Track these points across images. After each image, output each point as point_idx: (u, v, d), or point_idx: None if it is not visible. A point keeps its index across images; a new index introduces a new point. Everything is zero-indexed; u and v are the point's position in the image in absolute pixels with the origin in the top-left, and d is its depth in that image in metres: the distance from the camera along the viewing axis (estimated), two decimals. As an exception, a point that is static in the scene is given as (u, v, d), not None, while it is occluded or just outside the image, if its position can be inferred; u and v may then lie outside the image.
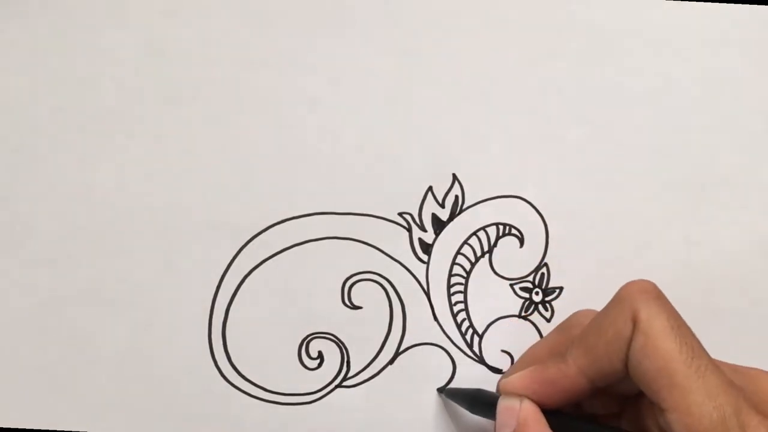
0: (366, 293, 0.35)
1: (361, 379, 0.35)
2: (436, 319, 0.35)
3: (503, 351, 0.35)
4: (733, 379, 0.26)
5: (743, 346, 0.35)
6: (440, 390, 0.34)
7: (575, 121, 0.36)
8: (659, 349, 0.25)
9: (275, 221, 0.35)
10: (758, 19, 0.37)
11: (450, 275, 0.35)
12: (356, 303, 0.35)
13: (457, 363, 0.35)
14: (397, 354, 0.35)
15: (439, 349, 0.35)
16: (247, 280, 0.35)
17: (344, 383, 0.35)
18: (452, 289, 0.35)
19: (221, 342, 0.35)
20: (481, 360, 0.35)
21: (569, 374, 0.28)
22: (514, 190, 0.36)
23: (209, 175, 0.36)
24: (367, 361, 0.35)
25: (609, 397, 0.30)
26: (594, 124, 0.36)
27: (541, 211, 0.36)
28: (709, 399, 0.24)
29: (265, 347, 0.35)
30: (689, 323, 0.27)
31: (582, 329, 0.29)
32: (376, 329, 0.35)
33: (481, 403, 0.31)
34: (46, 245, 0.35)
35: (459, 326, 0.35)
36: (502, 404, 0.29)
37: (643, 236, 0.36)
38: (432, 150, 0.36)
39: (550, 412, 0.28)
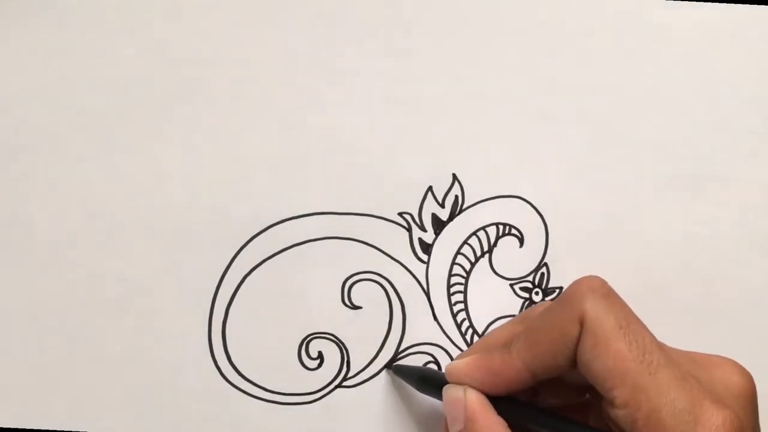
0: (366, 293, 0.35)
1: (361, 379, 0.35)
2: (436, 319, 0.35)
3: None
4: (691, 370, 0.26)
5: (743, 346, 0.35)
6: (387, 366, 0.34)
7: (575, 121, 0.36)
8: (609, 348, 0.25)
9: (275, 221, 0.35)
10: (758, 19, 0.37)
11: (450, 275, 0.35)
12: (356, 303, 0.35)
13: (457, 363, 0.35)
14: (396, 354, 0.35)
15: (439, 349, 0.35)
16: (247, 280, 0.35)
17: (344, 383, 0.35)
18: (452, 289, 0.35)
19: (221, 342, 0.35)
20: (481, 360, 0.35)
21: (512, 366, 0.28)
22: (514, 190, 0.36)
23: (209, 175, 0.36)
24: (367, 361, 0.35)
25: (567, 387, 0.30)
26: (594, 124, 0.36)
27: (541, 211, 0.36)
28: (660, 395, 0.24)
29: (265, 347, 0.35)
30: (689, 323, 0.27)
31: (528, 323, 0.29)
32: (376, 329, 0.35)
33: (428, 383, 0.31)
34: (46, 245, 0.35)
35: (459, 326, 0.35)
36: (448, 395, 0.29)
37: (643, 236, 0.36)
38: (432, 150, 0.36)
39: (499, 398, 0.28)
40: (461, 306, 0.35)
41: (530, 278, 0.35)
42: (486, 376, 0.28)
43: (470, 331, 0.35)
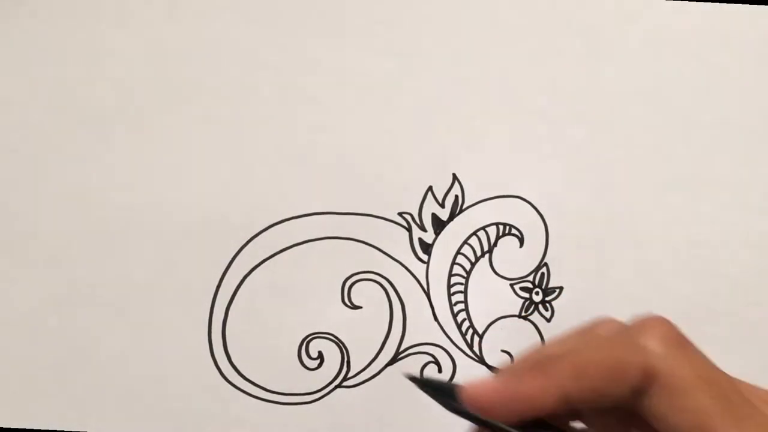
0: (366, 293, 0.35)
1: (361, 379, 0.35)
2: (436, 319, 0.35)
3: (503, 351, 0.35)
4: None
5: (743, 346, 0.35)
6: (411, 378, 0.32)
7: (575, 120, 0.36)
8: (688, 404, 0.23)
9: (275, 221, 0.35)
10: (758, 19, 0.37)
11: (450, 275, 0.35)
12: (356, 303, 0.35)
13: (457, 363, 0.35)
14: (397, 354, 0.35)
15: (439, 349, 0.35)
16: (247, 280, 0.35)
17: (344, 383, 0.35)
18: (452, 289, 0.35)
19: (221, 342, 0.35)
20: (481, 360, 0.35)
21: (548, 393, 0.25)
22: (514, 190, 0.36)
23: (209, 175, 0.36)
24: (367, 361, 0.35)
25: (609, 417, 0.27)
26: (594, 123, 0.36)
27: (541, 211, 0.36)
28: None
29: (265, 347, 0.35)
30: (689, 323, 0.27)
31: (578, 346, 0.26)
32: (376, 329, 0.35)
33: (454, 401, 0.29)
34: (46, 245, 0.35)
35: (459, 326, 0.35)
36: None
37: (643, 236, 0.36)
38: (432, 150, 0.36)
39: (533, 425, 0.26)
40: (461, 306, 0.35)
41: (530, 278, 0.35)
42: (512, 402, 0.25)
43: (470, 331, 0.35)
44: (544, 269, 0.36)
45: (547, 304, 0.35)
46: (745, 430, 0.23)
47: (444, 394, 0.28)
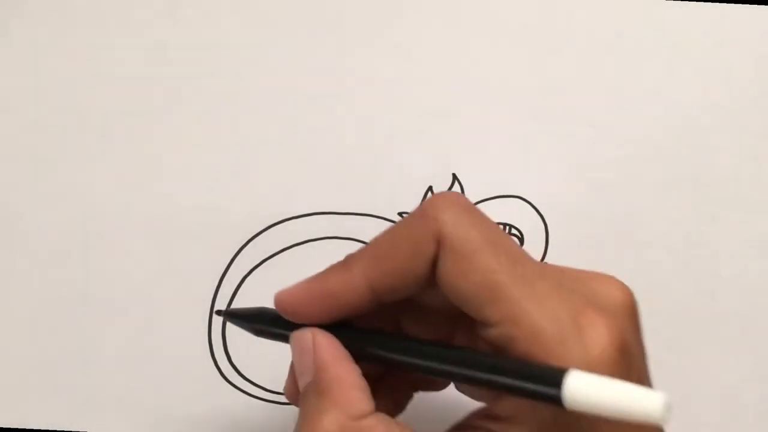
0: (366, 293, 0.35)
1: (361, 379, 0.35)
2: (436, 319, 0.35)
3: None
4: (568, 283, 0.23)
5: (743, 346, 0.35)
6: (218, 312, 0.30)
7: (575, 121, 0.36)
8: (475, 264, 0.23)
9: (275, 221, 0.35)
10: (758, 19, 0.37)
11: (450, 275, 0.35)
12: (356, 303, 0.35)
13: (457, 363, 0.35)
14: (397, 354, 0.35)
15: (439, 349, 0.35)
16: (247, 280, 0.35)
17: (344, 383, 0.34)
18: (452, 289, 0.35)
19: (221, 342, 0.35)
20: (481, 360, 0.35)
21: (352, 285, 0.25)
22: (514, 190, 0.36)
23: (209, 175, 0.36)
24: (367, 361, 0.35)
25: (429, 315, 0.27)
26: (594, 124, 0.36)
27: (541, 211, 0.36)
28: (539, 306, 0.22)
29: (265, 347, 0.35)
30: (689, 324, 0.27)
31: (377, 236, 0.25)
32: (376, 329, 0.35)
33: (266, 324, 0.28)
34: (46, 245, 0.35)
35: (459, 326, 0.35)
36: (295, 342, 0.26)
37: (643, 236, 0.36)
38: (432, 150, 0.36)
39: (344, 330, 0.25)
40: (461, 306, 0.35)
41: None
42: (321, 300, 0.25)
43: (470, 331, 0.35)
44: (544, 269, 0.36)
45: (547, 304, 0.35)
46: (534, 286, 0.22)
47: (252, 320, 0.28)
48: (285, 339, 0.27)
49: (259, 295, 0.35)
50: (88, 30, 0.36)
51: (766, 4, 0.37)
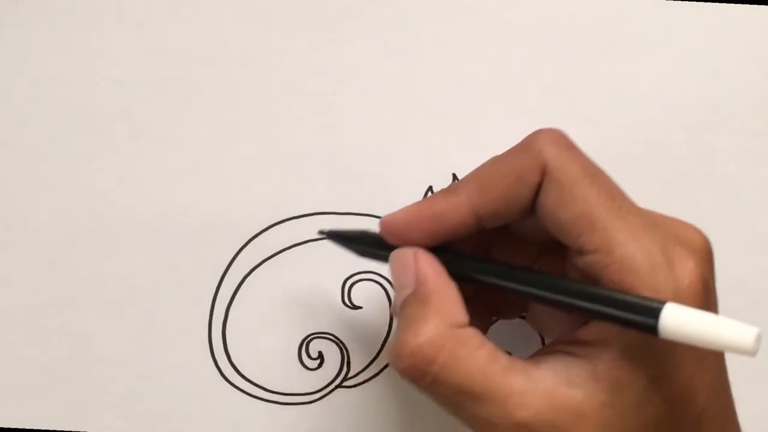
0: (366, 293, 0.35)
1: (361, 380, 0.35)
2: (436, 319, 0.35)
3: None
4: (657, 222, 0.25)
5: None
6: (321, 232, 0.32)
7: (575, 121, 0.36)
8: (576, 195, 0.24)
9: (275, 221, 0.35)
10: (758, 19, 0.37)
11: (450, 275, 0.35)
12: (356, 303, 0.35)
13: (457, 363, 0.35)
14: (397, 354, 0.35)
15: (439, 349, 0.35)
16: (247, 280, 0.35)
17: (344, 383, 0.35)
18: (452, 289, 0.35)
19: (221, 342, 0.35)
20: (481, 360, 0.35)
21: (458, 209, 0.26)
22: (514, 190, 0.36)
23: (209, 175, 0.36)
24: (367, 361, 0.35)
25: (519, 242, 0.29)
26: (594, 124, 0.36)
27: (541, 211, 0.36)
28: (633, 238, 0.23)
29: (265, 347, 0.35)
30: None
31: (481, 165, 0.27)
32: (376, 329, 0.35)
33: (370, 246, 0.29)
34: (46, 245, 0.35)
35: (459, 326, 0.35)
36: (396, 259, 0.27)
37: (643, 236, 0.36)
38: (432, 150, 0.36)
39: (442, 253, 0.27)
40: (461, 306, 0.35)
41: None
42: (428, 223, 0.26)
43: (470, 331, 0.35)
44: (544, 269, 0.36)
45: (547, 304, 0.35)
46: (629, 220, 0.24)
47: (354, 241, 0.30)
48: (383, 259, 0.28)
49: (259, 295, 0.35)
50: (88, 30, 0.36)
51: (766, 4, 0.37)
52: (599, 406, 0.23)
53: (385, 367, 0.35)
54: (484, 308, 0.30)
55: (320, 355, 0.35)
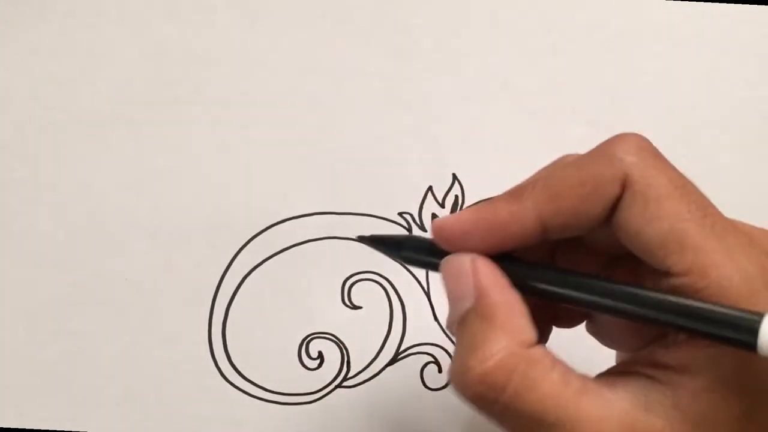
0: (366, 293, 0.35)
1: (361, 380, 0.35)
2: (436, 319, 0.35)
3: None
4: (755, 239, 0.23)
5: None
6: (360, 238, 0.28)
7: (575, 121, 0.36)
8: (663, 211, 0.22)
9: (275, 221, 0.35)
10: (758, 19, 0.37)
11: (450, 275, 0.35)
12: (356, 303, 0.35)
13: (457, 363, 0.35)
14: (397, 354, 0.35)
15: (440, 349, 0.35)
16: (247, 280, 0.35)
17: (344, 383, 0.35)
18: (452, 289, 0.35)
19: (221, 342, 0.35)
20: (481, 360, 0.35)
21: (523, 217, 0.23)
22: (514, 190, 0.36)
23: (209, 175, 0.36)
24: (367, 361, 0.35)
25: (585, 253, 0.26)
26: (594, 124, 0.36)
27: (541, 211, 0.36)
28: (729, 259, 0.21)
29: (265, 347, 0.35)
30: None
31: (551, 170, 0.24)
32: (376, 329, 0.35)
33: (417, 252, 0.26)
34: (46, 245, 0.35)
35: (459, 326, 0.35)
36: (450, 266, 0.24)
37: (643, 236, 0.36)
38: (432, 150, 0.36)
39: (502, 259, 0.24)
40: (461, 306, 0.35)
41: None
42: (487, 230, 0.23)
43: (470, 331, 0.35)
44: (544, 269, 0.36)
45: (547, 304, 0.35)
46: (724, 238, 0.22)
47: (394, 246, 0.27)
48: (433, 267, 0.25)
49: (259, 295, 0.35)
50: (88, 30, 0.36)
51: (766, 4, 0.37)
52: None
53: (385, 367, 0.35)
54: (544, 318, 0.26)
55: (320, 355, 0.35)
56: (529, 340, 0.22)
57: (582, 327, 0.28)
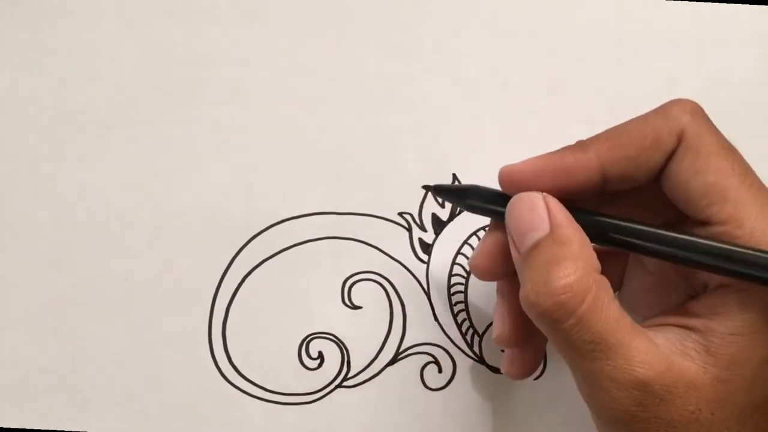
0: (366, 293, 0.35)
1: (361, 379, 0.35)
2: (436, 319, 0.35)
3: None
4: None
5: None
6: (426, 187, 0.31)
7: (575, 121, 0.36)
8: (711, 164, 0.24)
9: (275, 221, 0.35)
10: (758, 19, 0.37)
11: (450, 275, 0.35)
12: (356, 303, 0.35)
13: (457, 363, 0.35)
14: (397, 354, 0.35)
15: (440, 349, 0.35)
16: (247, 280, 0.35)
17: (344, 383, 0.35)
18: (452, 289, 0.35)
19: (221, 342, 0.35)
20: (481, 360, 0.35)
21: (587, 166, 0.26)
22: (514, 190, 0.36)
23: (209, 175, 0.36)
24: (367, 361, 0.35)
25: (636, 205, 0.28)
26: (594, 124, 0.36)
27: (541, 211, 0.36)
28: (764, 215, 0.24)
29: (265, 347, 0.35)
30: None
31: (613, 127, 0.27)
32: (376, 329, 0.35)
33: (479, 199, 0.28)
34: (46, 245, 0.35)
35: (459, 326, 0.35)
36: (522, 202, 0.26)
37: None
38: (432, 150, 0.36)
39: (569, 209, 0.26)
40: (462, 306, 0.35)
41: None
42: (553, 175, 0.26)
43: (471, 331, 0.35)
44: (544, 269, 0.36)
45: (547, 304, 0.35)
46: (760, 195, 0.24)
47: (463, 196, 0.29)
48: (495, 215, 0.27)
49: (259, 295, 0.35)
50: (87, 30, 0.37)
51: (766, 4, 0.37)
52: (712, 380, 0.23)
53: (385, 367, 0.35)
54: None
55: (320, 355, 0.35)
56: (599, 269, 0.24)
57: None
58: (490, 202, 0.28)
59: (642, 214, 0.27)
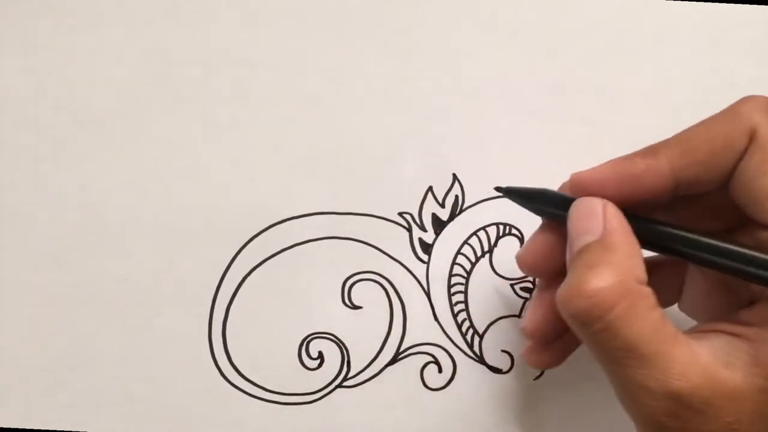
0: (366, 293, 0.35)
1: (361, 379, 0.35)
2: (436, 319, 0.35)
3: (503, 351, 0.35)
4: None
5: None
6: (498, 188, 0.31)
7: (575, 121, 0.36)
8: None
9: (275, 221, 0.35)
10: (758, 19, 0.37)
11: (450, 275, 0.35)
12: (356, 303, 0.35)
13: (457, 363, 0.35)
14: (397, 354, 0.35)
15: (440, 349, 0.35)
16: (247, 280, 0.35)
17: (344, 383, 0.35)
18: (452, 289, 0.35)
19: (221, 342, 0.35)
20: (481, 360, 0.35)
21: (658, 172, 0.25)
22: (514, 190, 0.36)
23: (209, 176, 0.36)
24: (367, 361, 0.35)
25: (701, 210, 0.27)
26: (594, 124, 0.36)
27: (541, 211, 0.36)
28: None
29: (265, 347, 0.35)
30: (690, 323, 0.27)
31: (683, 131, 0.26)
32: (376, 329, 0.35)
33: (549, 205, 0.28)
34: (46, 245, 0.35)
35: (459, 326, 0.35)
36: (582, 206, 0.26)
37: (643, 236, 0.36)
38: (432, 150, 0.36)
39: (629, 215, 0.26)
40: (462, 306, 0.35)
41: (531, 278, 0.35)
42: (623, 183, 0.26)
43: (471, 331, 0.35)
44: (544, 269, 0.36)
45: (547, 304, 0.35)
46: None
47: (533, 199, 0.29)
48: (560, 218, 0.27)
49: (259, 295, 0.35)
50: (88, 29, 0.37)
51: (766, 4, 0.37)
52: (756, 391, 0.22)
53: (385, 367, 0.35)
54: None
55: (320, 355, 0.35)
56: (641, 279, 0.24)
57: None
58: (558, 207, 0.28)
59: (708, 218, 0.27)
